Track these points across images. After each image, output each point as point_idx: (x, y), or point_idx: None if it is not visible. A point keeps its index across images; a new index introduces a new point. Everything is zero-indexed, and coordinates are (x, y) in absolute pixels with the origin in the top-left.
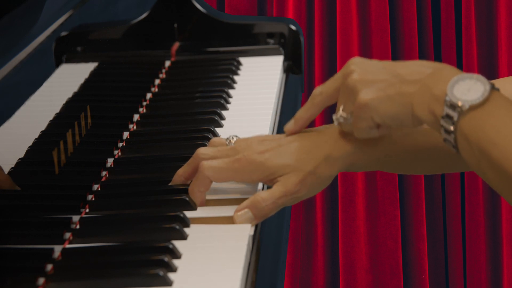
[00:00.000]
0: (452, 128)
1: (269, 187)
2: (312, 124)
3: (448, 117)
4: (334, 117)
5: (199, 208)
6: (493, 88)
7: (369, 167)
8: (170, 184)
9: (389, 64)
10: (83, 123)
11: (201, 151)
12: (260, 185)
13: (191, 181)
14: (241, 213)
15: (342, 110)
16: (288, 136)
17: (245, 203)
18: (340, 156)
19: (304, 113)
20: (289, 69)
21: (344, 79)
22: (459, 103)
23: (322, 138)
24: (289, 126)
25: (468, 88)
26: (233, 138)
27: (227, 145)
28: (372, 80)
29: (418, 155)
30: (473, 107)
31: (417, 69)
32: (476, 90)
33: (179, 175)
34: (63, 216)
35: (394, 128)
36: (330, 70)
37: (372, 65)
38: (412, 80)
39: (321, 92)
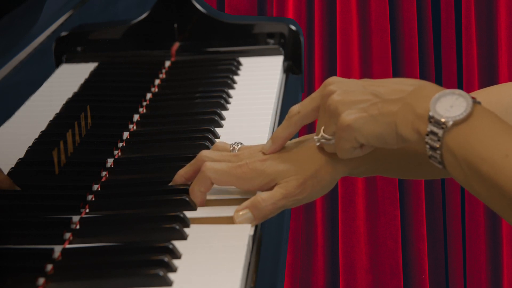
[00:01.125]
0: (437, 144)
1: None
2: (311, 125)
3: (433, 134)
4: (315, 138)
5: (199, 208)
6: (475, 102)
7: (372, 171)
8: (170, 184)
9: (368, 83)
10: (83, 123)
11: (205, 153)
12: None
13: (192, 182)
14: (241, 213)
15: (323, 131)
16: (289, 144)
17: (245, 203)
18: (341, 160)
19: (281, 132)
20: (289, 69)
21: (324, 99)
22: (443, 120)
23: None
24: (267, 146)
25: (450, 104)
26: (237, 145)
27: (231, 151)
28: (353, 101)
29: (421, 160)
30: (457, 123)
31: (397, 87)
32: (459, 105)
33: (180, 175)
34: (63, 216)
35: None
36: (330, 70)
37: (351, 85)
38: (394, 99)
39: (299, 111)
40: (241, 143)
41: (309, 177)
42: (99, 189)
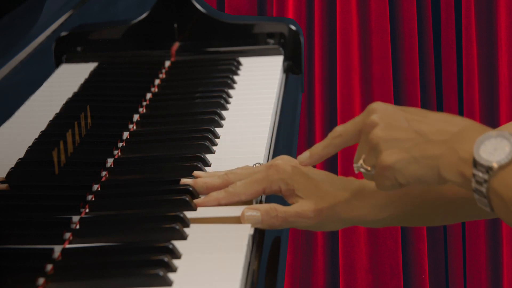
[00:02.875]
0: (483, 189)
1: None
2: (312, 134)
3: (478, 178)
4: (355, 165)
5: (199, 208)
6: None
7: (387, 223)
8: (187, 183)
9: (412, 117)
10: (83, 123)
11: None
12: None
13: (191, 181)
14: (251, 213)
15: (364, 161)
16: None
17: (259, 205)
18: (361, 206)
19: (321, 150)
20: (289, 69)
21: (366, 128)
22: (487, 164)
23: (353, 182)
24: (304, 158)
25: (494, 147)
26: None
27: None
28: (396, 139)
29: (442, 206)
30: (503, 167)
31: (442, 127)
32: (503, 148)
33: (206, 187)
34: (63, 216)
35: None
36: (330, 70)
37: (396, 118)
38: (438, 140)
39: (341, 134)
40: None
41: (328, 206)
42: (99, 189)
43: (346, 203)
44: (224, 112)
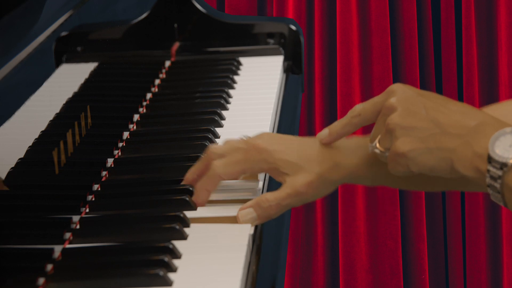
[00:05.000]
0: (498, 185)
1: (271, 183)
2: (312, 134)
3: (492, 174)
4: (370, 145)
5: (199, 208)
6: None
7: (375, 182)
8: (182, 183)
9: (431, 107)
10: (83, 123)
11: (212, 147)
12: (260, 184)
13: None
14: (245, 212)
15: (379, 143)
16: (302, 140)
17: (249, 202)
18: (349, 165)
19: (340, 129)
20: (289, 69)
21: (384, 110)
22: (502, 161)
23: (336, 145)
24: (323, 135)
25: (509, 144)
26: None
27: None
28: (412, 127)
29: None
30: None
31: (460, 120)
32: None
33: (192, 173)
34: (63, 216)
35: None
36: (330, 70)
37: (414, 104)
38: (454, 133)
39: (360, 114)
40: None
41: (317, 176)
42: (99, 189)
43: (333, 167)
44: (224, 112)
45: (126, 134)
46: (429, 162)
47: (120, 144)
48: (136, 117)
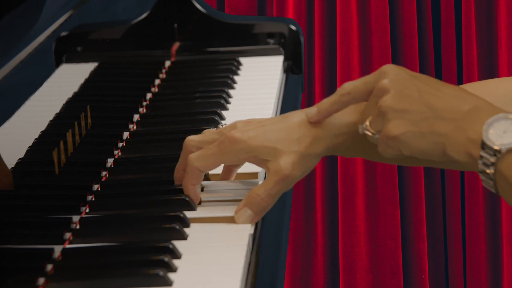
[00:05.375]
0: (491, 171)
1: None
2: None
3: (485, 160)
4: (360, 126)
5: (199, 208)
6: None
7: (354, 152)
8: (175, 183)
9: (425, 90)
10: (83, 123)
11: (188, 137)
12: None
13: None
14: (240, 213)
15: (369, 125)
16: (275, 119)
17: (242, 202)
18: (327, 136)
19: (329, 107)
20: (289, 69)
21: (377, 92)
22: (496, 147)
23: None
24: (312, 113)
25: (504, 130)
26: (222, 126)
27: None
28: (405, 110)
29: None
30: (511, 150)
31: (454, 104)
32: (511, 131)
33: (177, 170)
34: (63, 216)
35: None
36: (330, 70)
37: (407, 86)
38: (447, 118)
39: (350, 92)
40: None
41: (298, 155)
42: (99, 189)
43: (312, 142)
44: (224, 112)
45: (126, 134)
46: (421, 146)
47: (120, 144)
48: (136, 117)
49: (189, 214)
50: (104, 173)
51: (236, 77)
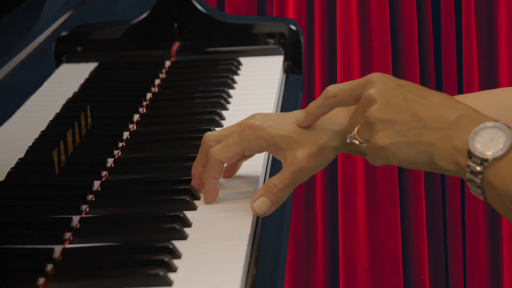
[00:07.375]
0: (478, 180)
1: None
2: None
3: (472, 169)
4: (348, 135)
5: (199, 208)
6: None
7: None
8: (193, 179)
9: (411, 99)
10: (83, 123)
11: (207, 133)
12: (261, 184)
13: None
14: (259, 202)
15: (357, 133)
16: (291, 111)
17: (259, 192)
18: (344, 130)
19: (315, 110)
20: (289, 69)
21: (364, 101)
22: (482, 156)
23: (331, 113)
24: (301, 118)
25: (490, 139)
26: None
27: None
28: (392, 120)
29: None
30: (497, 159)
31: (440, 113)
32: (498, 140)
33: (196, 165)
34: (63, 216)
35: None
36: (330, 70)
37: (394, 96)
38: (434, 127)
39: (335, 95)
40: None
41: (316, 147)
42: (99, 189)
43: (332, 136)
44: (224, 112)
45: (126, 134)
46: (409, 155)
47: (120, 144)
48: (136, 117)
49: (189, 214)
50: (104, 173)
51: (236, 77)
